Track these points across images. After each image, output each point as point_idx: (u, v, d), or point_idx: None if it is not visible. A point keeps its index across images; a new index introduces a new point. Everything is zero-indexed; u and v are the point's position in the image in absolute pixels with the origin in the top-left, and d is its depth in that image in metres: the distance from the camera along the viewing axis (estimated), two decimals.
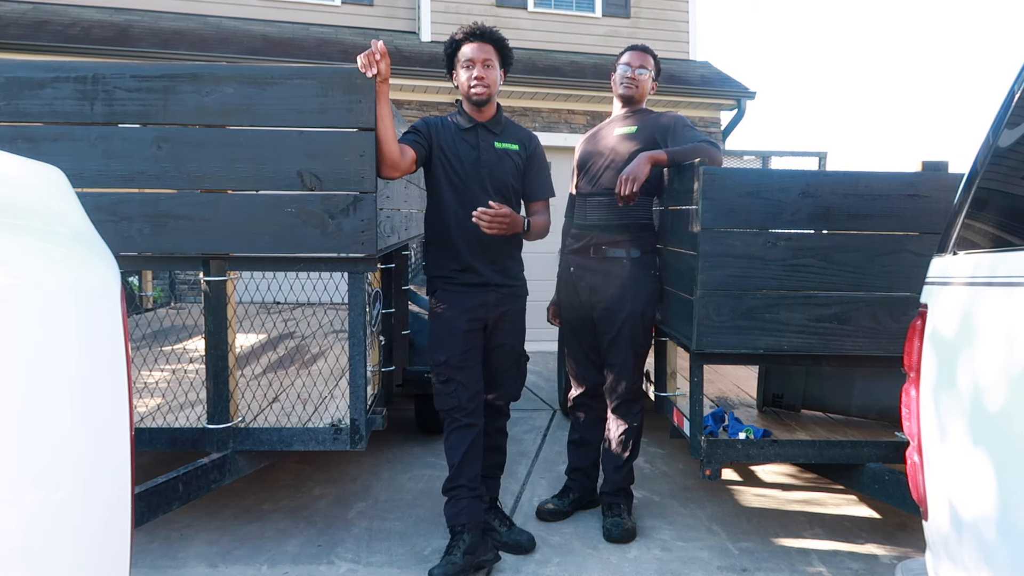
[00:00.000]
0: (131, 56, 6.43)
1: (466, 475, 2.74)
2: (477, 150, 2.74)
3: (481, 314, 2.75)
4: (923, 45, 45.41)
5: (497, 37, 2.75)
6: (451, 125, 2.77)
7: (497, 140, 2.78)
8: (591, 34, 8.44)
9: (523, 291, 2.89)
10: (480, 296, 2.73)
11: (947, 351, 1.56)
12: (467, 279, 2.73)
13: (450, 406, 2.72)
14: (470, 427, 2.73)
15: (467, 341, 2.73)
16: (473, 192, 2.70)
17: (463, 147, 2.73)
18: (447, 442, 2.77)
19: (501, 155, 2.77)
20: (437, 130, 2.74)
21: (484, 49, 2.70)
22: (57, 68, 2.47)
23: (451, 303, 2.73)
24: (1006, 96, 1.61)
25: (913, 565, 1.82)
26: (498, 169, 2.76)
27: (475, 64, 2.68)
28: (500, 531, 2.88)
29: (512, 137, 2.83)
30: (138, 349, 4.07)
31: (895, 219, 2.61)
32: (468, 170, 2.71)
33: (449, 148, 2.72)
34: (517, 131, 2.88)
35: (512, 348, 2.88)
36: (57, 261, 1.16)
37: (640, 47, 3.11)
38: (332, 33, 7.81)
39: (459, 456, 2.72)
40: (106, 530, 1.24)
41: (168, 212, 2.53)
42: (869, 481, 2.74)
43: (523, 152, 2.84)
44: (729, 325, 2.62)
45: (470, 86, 2.69)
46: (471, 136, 2.75)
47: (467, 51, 2.70)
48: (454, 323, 2.72)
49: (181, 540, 2.93)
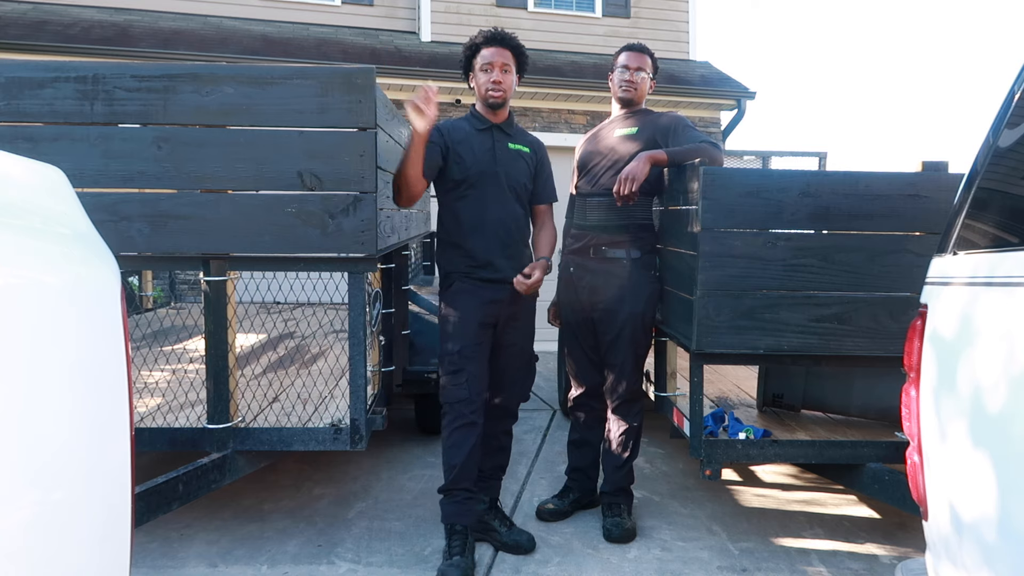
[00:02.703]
0: (131, 56, 6.43)
1: (468, 478, 2.73)
2: (493, 150, 2.78)
3: (494, 311, 2.77)
4: (923, 45, 45.39)
5: (516, 43, 2.79)
6: (465, 126, 2.81)
7: (510, 141, 2.84)
8: (591, 34, 8.44)
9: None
10: (496, 292, 2.75)
11: (947, 351, 1.56)
12: (485, 275, 2.75)
13: (459, 398, 2.70)
14: (473, 425, 2.71)
15: (479, 334, 2.74)
16: (490, 190, 2.75)
17: (479, 147, 2.77)
18: (448, 441, 2.74)
19: (515, 155, 2.84)
20: (450, 133, 2.77)
21: (503, 54, 2.75)
22: (57, 68, 2.47)
23: (467, 295, 2.75)
24: (1006, 96, 1.61)
25: (913, 565, 1.82)
26: (513, 169, 2.81)
27: (494, 68, 2.73)
28: (500, 531, 2.88)
29: (523, 140, 2.90)
30: (138, 349, 4.07)
31: (895, 219, 2.61)
32: (485, 169, 2.75)
33: (465, 148, 2.76)
34: (526, 136, 2.95)
35: (522, 348, 2.89)
36: (57, 261, 1.16)
37: (637, 47, 3.10)
38: (332, 33, 7.81)
39: (461, 457, 2.70)
40: (106, 530, 1.24)
41: (168, 212, 2.53)
42: (869, 481, 2.73)
43: (533, 156, 2.91)
44: (729, 325, 2.62)
45: (487, 89, 2.74)
46: (486, 136, 2.79)
47: (486, 55, 2.74)
48: (469, 315, 2.72)
49: (181, 540, 2.93)
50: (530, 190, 2.90)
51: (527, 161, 2.87)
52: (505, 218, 2.78)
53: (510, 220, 2.79)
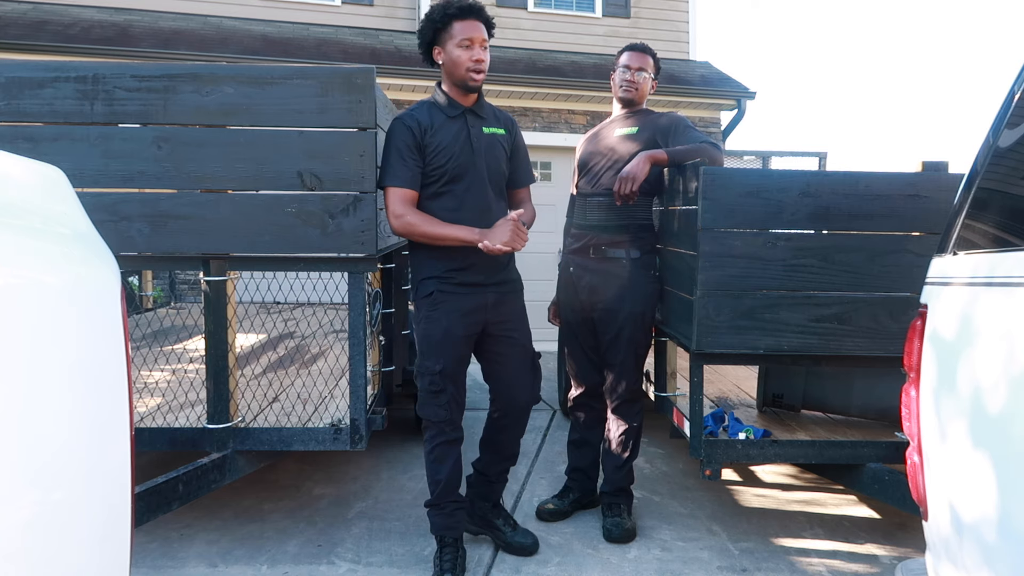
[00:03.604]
0: (131, 56, 6.43)
1: (453, 493, 2.67)
2: (469, 139, 2.54)
3: (479, 318, 2.59)
4: (923, 45, 45.40)
5: (488, 16, 2.54)
6: (437, 114, 2.54)
7: (484, 125, 2.59)
8: (591, 34, 8.44)
9: (519, 285, 2.73)
10: (478, 298, 2.57)
11: (947, 351, 1.56)
12: (464, 278, 2.54)
13: (440, 418, 2.58)
14: (455, 441, 2.64)
15: (462, 348, 2.59)
16: (468, 185, 2.54)
17: (454, 137, 2.52)
18: (430, 456, 2.64)
19: (491, 141, 2.59)
20: (425, 127, 2.51)
21: (480, 29, 2.49)
22: (57, 68, 2.47)
23: (447, 305, 2.54)
24: (1006, 96, 1.61)
25: (913, 565, 1.82)
26: (491, 158, 2.58)
27: (474, 44, 2.47)
28: (504, 531, 2.85)
29: (497, 121, 2.65)
30: (138, 349, 4.07)
31: (895, 219, 2.61)
32: (463, 161, 2.52)
33: (440, 140, 2.50)
34: (497, 114, 2.69)
35: (524, 346, 2.71)
36: (57, 261, 1.16)
37: (639, 47, 3.09)
38: (332, 33, 7.81)
39: (445, 473, 2.62)
40: (106, 530, 1.24)
41: (168, 212, 2.53)
42: (869, 481, 2.73)
43: (509, 137, 2.67)
44: (729, 325, 2.62)
45: (469, 69, 2.47)
46: (460, 124, 2.54)
47: (464, 28, 2.46)
48: (452, 329, 2.54)
49: (181, 540, 2.93)
50: (507, 176, 2.69)
51: (504, 145, 2.63)
52: (485, 214, 2.53)
53: (491, 217, 2.53)
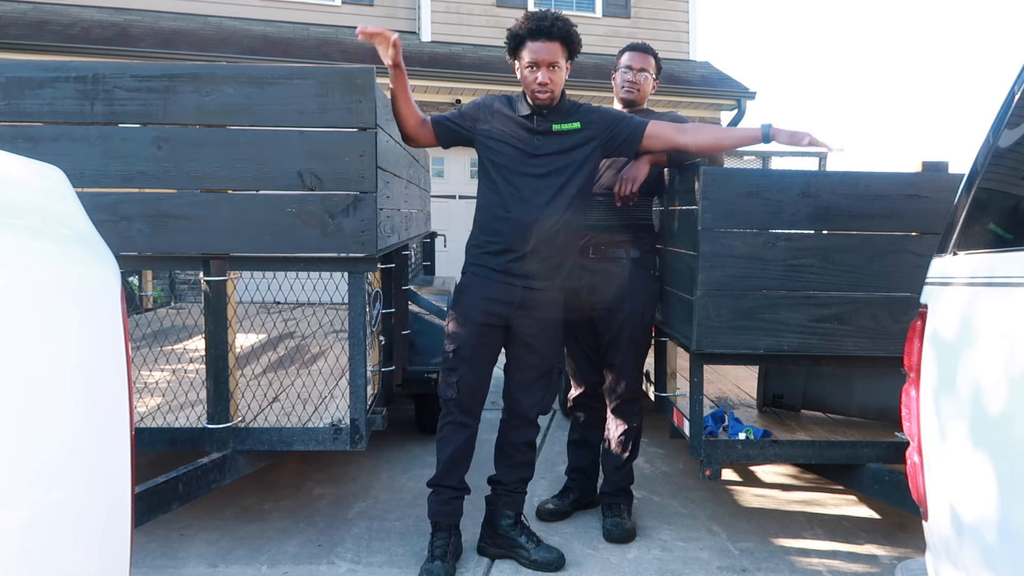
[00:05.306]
0: (131, 56, 6.44)
1: (454, 476, 2.70)
2: (526, 136, 2.61)
3: (502, 311, 2.63)
4: (923, 45, 45.41)
5: (564, 32, 2.54)
6: (509, 105, 2.66)
7: (555, 123, 2.62)
8: (591, 34, 8.40)
9: (557, 297, 2.72)
10: (504, 289, 2.61)
11: (947, 352, 1.56)
12: (498, 263, 2.60)
13: (448, 397, 2.66)
14: (463, 426, 2.68)
15: (480, 335, 2.63)
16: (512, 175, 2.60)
17: (512, 132, 2.61)
18: (439, 434, 2.72)
19: (560, 138, 2.62)
20: (488, 113, 2.64)
21: (550, 49, 2.53)
22: (57, 68, 2.47)
23: (473, 289, 2.65)
24: (1006, 96, 1.61)
25: (913, 565, 1.82)
26: (555, 153, 2.61)
27: (540, 67, 2.53)
28: (528, 548, 2.72)
29: (570, 117, 2.65)
30: (138, 349, 4.07)
31: (895, 219, 2.61)
32: (520, 154, 2.59)
33: (493, 128, 2.62)
34: (578, 109, 2.69)
35: (542, 356, 2.73)
36: (57, 261, 1.16)
37: (641, 47, 3.09)
38: (332, 33, 7.81)
39: (447, 453, 2.68)
40: (106, 530, 1.24)
41: (168, 212, 2.53)
42: (869, 481, 2.73)
43: (587, 126, 2.64)
44: (729, 325, 2.61)
45: (534, 91, 2.57)
46: (523, 120, 2.63)
47: (533, 49, 2.54)
48: (470, 313, 2.63)
49: (181, 540, 2.93)
50: (588, 180, 2.69)
51: (578, 137, 2.62)
52: (541, 219, 2.57)
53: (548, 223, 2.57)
